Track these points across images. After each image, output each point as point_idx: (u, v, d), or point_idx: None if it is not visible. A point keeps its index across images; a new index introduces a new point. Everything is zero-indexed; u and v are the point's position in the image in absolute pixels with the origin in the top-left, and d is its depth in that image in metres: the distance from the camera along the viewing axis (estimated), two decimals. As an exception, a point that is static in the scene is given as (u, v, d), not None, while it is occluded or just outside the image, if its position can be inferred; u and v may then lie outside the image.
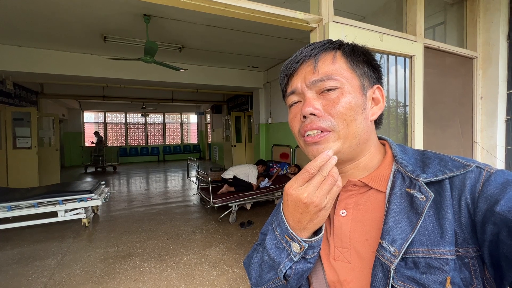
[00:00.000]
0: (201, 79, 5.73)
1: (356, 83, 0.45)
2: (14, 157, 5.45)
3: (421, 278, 0.36)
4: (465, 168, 0.40)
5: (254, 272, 0.52)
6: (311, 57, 0.46)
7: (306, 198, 0.39)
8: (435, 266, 0.36)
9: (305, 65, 0.46)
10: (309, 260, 0.44)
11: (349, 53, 0.46)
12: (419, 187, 0.41)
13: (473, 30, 2.02)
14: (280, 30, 3.69)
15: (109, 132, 12.11)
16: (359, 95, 0.45)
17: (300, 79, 0.46)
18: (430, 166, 0.43)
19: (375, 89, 0.48)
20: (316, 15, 1.33)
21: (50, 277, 2.39)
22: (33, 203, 3.31)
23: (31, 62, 4.32)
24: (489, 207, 0.36)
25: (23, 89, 6.38)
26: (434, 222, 0.39)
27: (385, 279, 0.39)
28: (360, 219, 0.46)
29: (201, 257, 2.75)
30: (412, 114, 1.59)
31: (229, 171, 4.24)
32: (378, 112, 0.49)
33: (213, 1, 1.13)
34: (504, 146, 1.97)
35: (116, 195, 5.57)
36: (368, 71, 0.47)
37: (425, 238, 0.38)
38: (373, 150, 0.49)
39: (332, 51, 0.46)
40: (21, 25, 3.43)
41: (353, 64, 0.46)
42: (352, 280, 0.44)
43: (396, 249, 0.38)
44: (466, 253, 0.37)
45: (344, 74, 0.45)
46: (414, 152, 0.48)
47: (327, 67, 0.45)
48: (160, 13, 3.18)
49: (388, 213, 0.41)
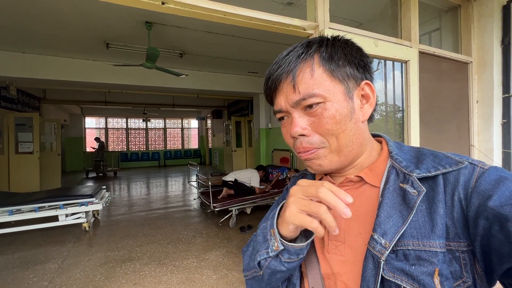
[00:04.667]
0: (202, 84, 5.79)
1: (340, 89, 0.44)
2: (16, 162, 5.48)
3: (410, 269, 0.37)
4: (458, 164, 0.41)
5: (246, 258, 0.55)
6: (289, 74, 0.44)
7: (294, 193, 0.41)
8: (424, 258, 0.37)
9: (285, 84, 0.45)
10: (283, 263, 0.44)
11: (327, 59, 0.43)
12: (412, 182, 0.42)
13: (467, 36, 2.07)
14: (279, 36, 3.75)
15: (110, 137, 12.17)
16: (344, 103, 0.44)
17: (283, 98, 0.46)
18: (424, 163, 0.44)
19: (363, 86, 0.46)
20: (313, 22, 1.38)
21: (51, 281, 2.39)
22: (34, 208, 3.33)
23: (35, 68, 4.39)
24: (482, 202, 0.36)
25: (26, 95, 6.46)
26: (425, 216, 0.39)
27: (375, 270, 0.40)
28: (354, 213, 0.46)
29: (201, 261, 2.75)
30: (408, 118, 1.62)
31: (231, 174, 4.27)
32: (370, 110, 0.47)
33: (213, 9, 1.17)
34: (500, 149, 1.99)
35: (116, 200, 5.58)
36: (351, 71, 0.44)
37: (416, 231, 0.39)
38: (369, 148, 0.50)
39: (309, 61, 0.43)
40: (25, 32, 3.50)
41: (332, 70, 0.43)
42: (345, 272, 0.45)
43: (387, 241, 0.39)
44: (457, 247, 0.38)
45: (325, 85, 0.43)
46: (410, 149, 0.49)
47: (306, 82, 0.43)
48: (161, 20, 3.25)
49: (380, 206, 0.42)
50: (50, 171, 6.41)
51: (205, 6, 1.15)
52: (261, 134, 6.63)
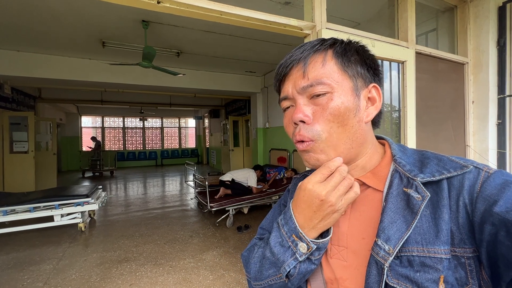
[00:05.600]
0: (199, 83, 5.77)
1: (348, 85, 0.44)
2: (10, 162, 5.42)
3: (415, 276, 0.37)
4: (463, 169, 0.40)
5: (254, 266, 0.52)
6: (301, 61, 0.45)
7: (325, 195, 0.40)
8: (429, 264, 0.37)
9: (295, 70, 0.45)
10: (313, 261, 0.44)
11: (340, 53, 0.44)
12: (416, 187, 0.41)
13: (464, 37, 2.08)
14: (277, 36, 3.74)
15: (106, 137, 12.08)
16: (351, 98, 0.43)
17: (290, 84, 0.46)
18: (428, 166, 0.43)
19: (370, 88, 0.46)
20: (310, 22, 1.37)
21: (46, 282, 2.37)
22: (29, 208, 3.29)
23: (30, 67, 4.34)
24: (487, 208, 0.36)
25: (21, 94, 6.38)
26: (430, 221, 0.39)
27: (379, 276, 0.39)
28: (357, 218, 0.46)
29: (198, 261, 2.74)
30: (405, 118, 1.62)
31: (228, 174, 4.26)
32: (374, 112, 0.47)
33: (209, 8, 1.16)
34: (496, 149, 2.01)
35: (113, 200, 5.54)
36: (362, 70, 0.45)
37: (421, 237, 0.38)
38: (371, 151, 0.49)
39: (323, 52, 0.44)
40: (20, 30, 3.46)
41: (344, 65, 0.44)
42: (347, 278, 0.45)
43: (391, 247, 0.38)
44: (462, 253, 0.37)
45: (335, 77, 0.43)
46: (413, 152, 0.48)
47: (317, 71, 0.43)
48: (158, 19, 3.22)
49: (384, 211, 0.41)
50: (45, 171, 6.34)
51: (201, 6, 1.14)
52: (259, 134, 6.63)
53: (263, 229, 0.62)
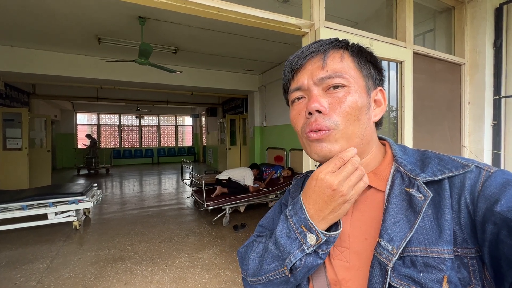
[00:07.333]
0: (196, 81, 5.73)
1: (362, 83, 0.45)
2: (3, 159, 5.34)
3: (418, 277, 0.37)
4: (464, 168, 0.40)
5: (253, 261, 0.50)
6: (320, 53, 0.45)
7: (337, 185, 0.40)
8: (433, 265, 0.37)
9: (312, 61, 0.46)
10: (320, 255, 0.43)
11: (356, 53, 0.46)
12: (418, 187, 0.41)
13: (461, 38, 2.08)
14: (275, 34, 3.73)
15: (102, 134, 11.97)
16: (364, 95, 0.45)
17: (306, 75, 0.46)
18: (429, 166, 0.43)
19: (377, 91, 0.49)
20: (308, 20, 1.36)
21: (39, 281, 2.34)
22: (22, 206, 3.24)
23: (23, 62, 4.27)
24: (489, 207, 0.36)
25: (14, 90, 6.29)
26: (432, 221, 0.39)
27: (382, 277, 0.39)
28: (359, 218, 0.46)
29: (194, 260, 2.73)
30: (402, 118, 1.63)
31: (225, 172, 4.24)
32: (380, 114, 0.49)
33: (207, 5, 1.14)
34: (491, 150, 2.03)
35: (108, 198, 5.49)
36: (374, 72, 0.48)
37: (423, 237, 0.38)
38: (375, 150, 0.49)
39: (341, 50, 0.46)
40: (13, 25, 3.39)
41: (360, 64, 0.46)
42: (350, 279, 0.44)
43: (394, 248, 0.38)
44: (465, 253, 0.37)
45: (351, 73, 0.44)
46: (414, 152, 0.48)
47: (336, 64, 0.44)
48: (155, 16, 3.19)
49: (386, 212, 0.41)
50: (39, 168, 6.26)
51: (198, 2, 1.12)
52: (256, 132, 6.62)
53: (262, 227, 0.61)
